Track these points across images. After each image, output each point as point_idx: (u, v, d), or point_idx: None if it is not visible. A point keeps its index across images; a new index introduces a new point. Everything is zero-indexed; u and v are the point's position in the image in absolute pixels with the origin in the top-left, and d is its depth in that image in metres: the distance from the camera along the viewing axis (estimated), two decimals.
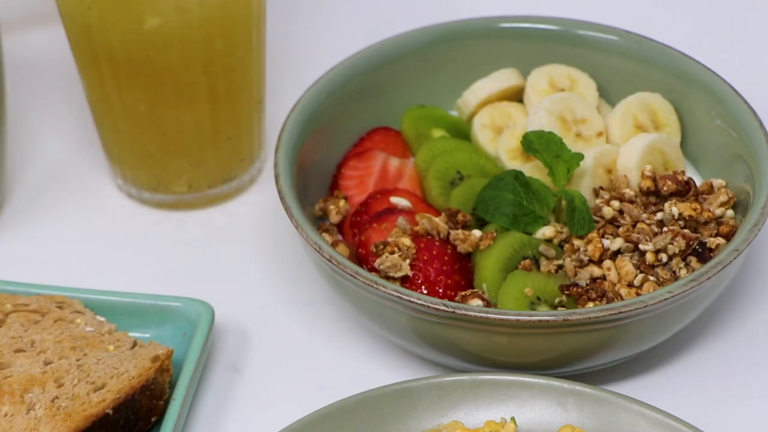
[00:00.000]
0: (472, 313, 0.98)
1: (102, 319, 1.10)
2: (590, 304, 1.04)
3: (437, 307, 0.99)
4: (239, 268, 1.20)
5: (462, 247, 1.09)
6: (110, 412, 0.99)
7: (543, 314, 0.99)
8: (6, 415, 0.99)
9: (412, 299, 1.00)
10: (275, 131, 1.18)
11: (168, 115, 1.19)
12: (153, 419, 1.03)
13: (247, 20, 1.16)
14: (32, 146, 1.33)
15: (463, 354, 1.04)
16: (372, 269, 1.07)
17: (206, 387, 1.10)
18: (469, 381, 1.02)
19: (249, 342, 1.14)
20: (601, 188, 1.13)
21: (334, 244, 1.09)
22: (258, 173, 1.29)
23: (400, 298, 1.00)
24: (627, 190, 1.12)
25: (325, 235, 1.11)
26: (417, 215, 1.11)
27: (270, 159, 1.26)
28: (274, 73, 1.33)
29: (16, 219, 1.26)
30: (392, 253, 1.07)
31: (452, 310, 0.99)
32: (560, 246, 1.10)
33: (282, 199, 1.07)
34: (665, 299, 0.99)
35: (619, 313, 0.98)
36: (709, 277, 1.00)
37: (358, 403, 1.00)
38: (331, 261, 1.03)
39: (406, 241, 1.08)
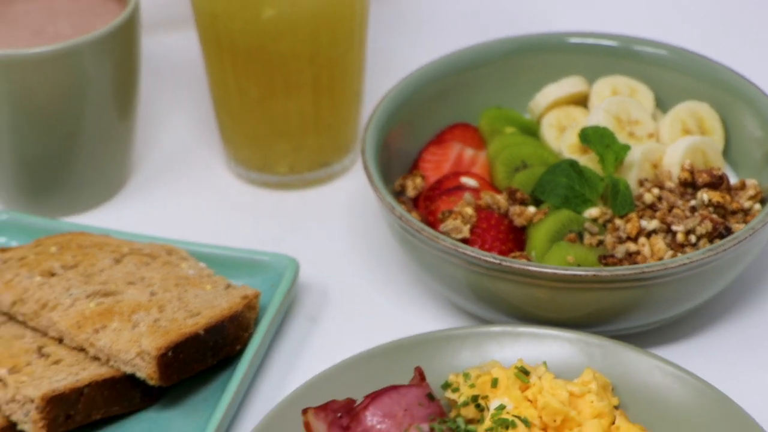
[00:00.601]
0: (515, 266, 1.14)
1: (203, 265, 1.27)
2: None
3: (486, 258, 1.14)
4: (326, 239, 1.37)
5: (518, 221, 1.25)
6: (202, 332, 1.16)
7: (575, 269, 1.13)
8: (114, 330, 1.17)
9: (466, 252, 1.15)
10: None
11: (276, 101, 1.37)
12: (238, 347, 1.20)
13: (350, 19, 1.34)
14: (159, 129, 1.52)
15: (507, 307, 1.19)
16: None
17: (286, 331, 1.27)
18: (510, 331, 1.16)
19: (328, 298, 1.30)
20: (646, 180, 1.28)
21: (407, 211, 1.25)
22: (352, 163, 1.46)
23: (456, 250, 1.16)
24: (668, 182, 1.26)
25: (401, 205, 1.27)
26: (482, 192, 1.27)
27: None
28: (373, 68, 1.50)
29: (140, 189, 1.45)
30: (455, 219, 1.23)
31: (498, 261, 1.14)
32: (604, 225, 1.24)
33: (365, 166, 1.24)
34: (684, 264, 1.13)
35: (643, 272, 1.12)
36: (725, 249, 1.13)
37: (413, 343, 1.16)
38: (401, 218, 1.19)
39: (469, 210, 1.24)
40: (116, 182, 1.44)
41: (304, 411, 1.07)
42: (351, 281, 1.32)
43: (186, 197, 1.44)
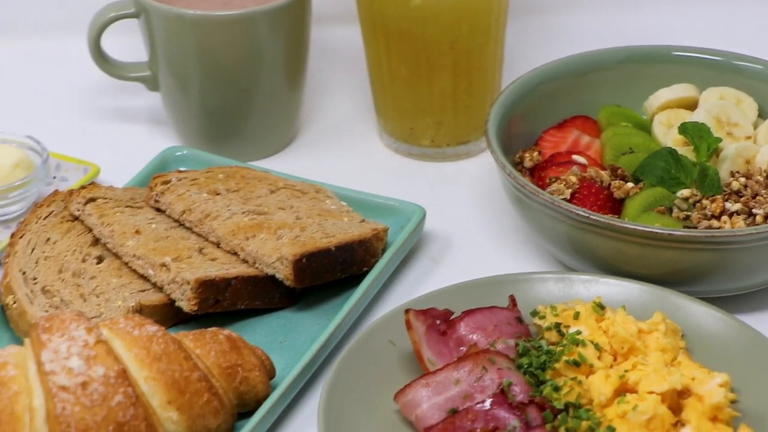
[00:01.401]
0: (602, 220, 1.32)
1: (344, 204, 1.49)
2: None
3: (578, 212, 1.34)
4: (455, 200, 1.57)
5: (617, 193, 1.43)
6: (333, 248, 1.38)
7: (653, 227, 1.31)
8: (262, 239, 1.39)
9: (561, 205, 1.34)
10: None
11: (420, 80, 1.59)
12: (364, 269, 1.41)
13: (488, 12, 1.55)
14: (323, 101, 1.76)
15: (596, 259, 1.37)
16: None
17: (410, 267, 1.47)
18: (596, 279, 1.35)
19: (449, 246, 1.51)
20: (737, 172, 1.45)
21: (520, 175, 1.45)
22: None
23: (553, 203, 1.35)
24: (757, 176, 1.44)
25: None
26: (588, 167, 1.46)
27: None
28: (513, 61, 1.70)
29: (301, 148, 1.68)
30: (560, 184, 1.43)
31: (588, 215, 1.33)
32: (693, 205, 1.42)
33: (486, 133, 1.44)
34: (750, 233, 1.30)
35: (713, 236, 1.30)
36: None
37: (511, 279, 1.35)
38: (510, 175, 1.39)
39: (574, 178, 1.43)
40: (282, 140, 1.68)
41: (407, 311, 1.28)
42: (471, 235, 1.52)
43: (340, 159, 1.66)
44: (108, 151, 1.66)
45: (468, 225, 1.54)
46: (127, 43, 1.71)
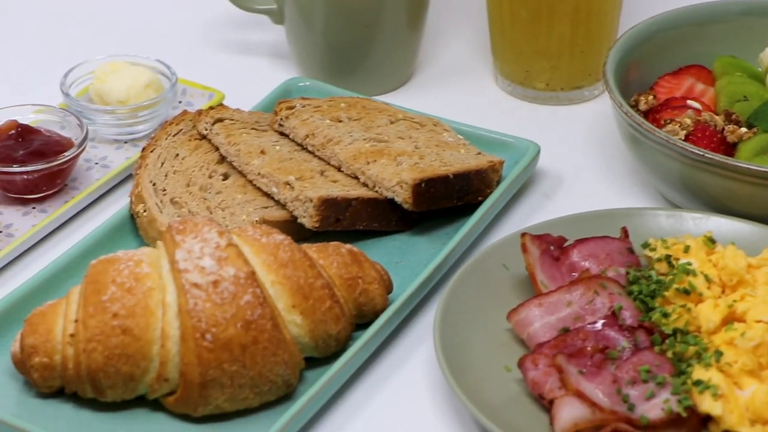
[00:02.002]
0: (714, 158, 1.36)
1: (460, 137, 1.54)
2: None
3: (692, 150, 1.37)
4: (567, 142, 1.61)
5: (730, 138, 1.46)
6: (450, 176, 1.42)
7: (762, 166, 1.34)
8: (382, 164, 1.44)
9: (677, 144, 1.38)
10: None
11: (540, 23, 1.62)
12: (479, 198, 1.46)
13: None
14: (441, 43, 1.80)
15: (707, 198, 1.40)
16: None
17: (523, 201, 1.52)
18: (707, 217, 1.38)
19: (561, 182, 1.55)
20: None
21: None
22: (601, 92, 1.70)
23: (668, 141, 1.39)
24: None
25: None
26: (703, 112, 1.49)
27: None
28: (629, 6, 1.73)
29: (419, 86, 1.73)
30: (675, 125, 1.46)
31: (702, 153, 1.36)
32: None
33: (604, 74, 1.48)
34: None
35: None
36: None
37: (624, 213, 1.39)
38: (627, 114, 1.43)
39: (688, 120, 1.47)
40: (400, 78, 1.72)
41: (523, 234, 1.32)
42: (582, 173, 1.56)
43: (455, 98, 1.70)
44: (231, 80, 1.72)
45: (579, 164, 1.58)
46: None
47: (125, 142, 1.60)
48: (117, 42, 1.79)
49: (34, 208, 1.50)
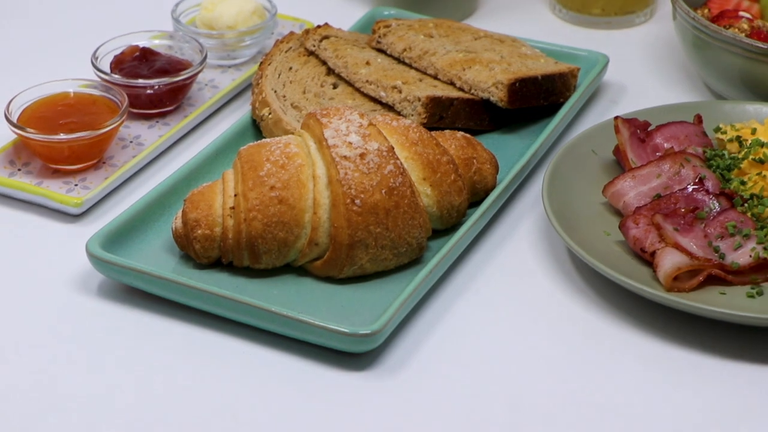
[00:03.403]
0: (761, 45, 1.56)
1: (537, 50, 1.72)
2: None
3: (757, 45, 1.56)
4: (625, 59, 1.80)
5: None
6: (539, 77, 1.61)
7: None
8: (476, 70, 1.62)
9: (743, 40, 1.57)
10: None
11: None
12: (561, 99, 1.64)
13: None
14: None
15: (763, 90, 1.59)
16: None
17: (594, 106, 1.70)
18: (764, 105, 1.58)
19: (625, 91, 1.74)
20: None
21: None
22: (650, 17, 1.89)
23: (734, 39, 1.58)
24: None
25: None
26: (755, 20, 1.69)
27: (661, 8, 1.88)
28: None
29: (482, 17, 1.91)
30: (734, 29, 1.65)
31: (765, 46, 1.56)
32: None
33: None
34: None
35: None
36: None
37: (696, 105, 1.58)
38: (694, 19, 1.62)
39: (745, 25, 1.66)
40: (467, 8, 1.91)
41: (616, 117, 1.51)
42: (643, 82, 1.76)
43: (518, 26, 1.88)
44: (315, 14, 1.89)
45: (639, 75, 1.77)
46: None
47: (229, 67, 1.77)
48: None
49: (157, 122, 1.67)
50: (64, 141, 1.54)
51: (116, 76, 1.65)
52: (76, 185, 1.55)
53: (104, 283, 1.42)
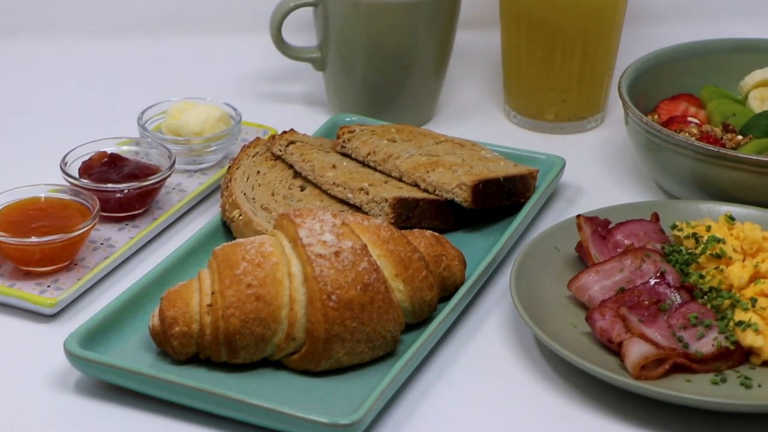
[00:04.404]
0: (730, 153, 1.62)
1: (497, 153, 1.78)
2: None
3: (705, 147, 1.63)
4: (577, 162, 1.86)
5: (729, 144, 1.73)
6: (501, 179, 1.66)
7: (761, 156, 1.61)
8: (440, 172, 1.67)
9: (694, 143, 1.64)
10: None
11: (554, 60, 1.89)
12: (522, 200, 1.70)
13: (614, 5, 1.86)
14: (458, 86, 2.06)
15: (717, 192, 1.66)
16: None
17: (552, 206, 1.76)
18: (717, 204, 1.64)
19: (582, 192, 1.80)
20: None
21: None
22: (601, 122, 1.97)
23: (686, 142, 1.65)
24: None
25: None
26: (703, 125, 1.76)
27: (611, 114, 1.96)
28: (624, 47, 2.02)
29: (441, 123, 1.97)
30: (684, 134, 1.72)
31: (717, 150, 1.63)
32: None
33: (619, 90, 1.75)
34: None
35: None
36: None
37: (650, 204, 1.64)
38: (647, 123, 1.69)
39: (694, 130, 1.74)
40: (426, 115, 1.97)
41: (578, 216, 1.56)
42: (598, 183, 1.82)
43: (474, 132, 1.94)
44: (277, 122, 1.94)
45: (594, 177, 1.84)
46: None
47: (195, 172, 1.81)
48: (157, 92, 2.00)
49: (127, 224, 1.70)
50: (35, 244, 1.57)
51: (85, 180, 1.68)
52: (48, 286, 1.57)
53: (82, 381, 1.44)
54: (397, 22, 1.85)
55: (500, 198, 1.67)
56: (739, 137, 1.74)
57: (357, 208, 1.65)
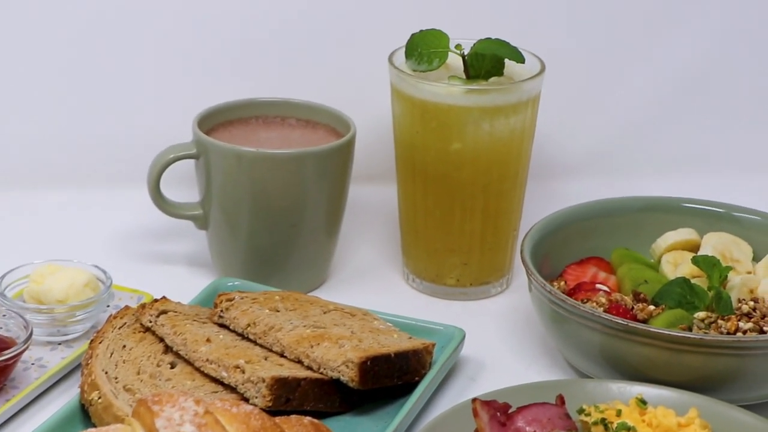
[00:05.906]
0: (640, 327, 1.48)
1: (390, 324, 1.63)
2: None
3: (615, 320, 1.49)
4: (480, 332, 1.72)
5: (640, 315, 1.59)
6: (392, 355, 1.51)
7: (688, 333, 1.48)
8: (325, 347, 1.52)
9: (601, 315, 1.50)
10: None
11: (453, 221, 1.75)
12: (416, 378, 1.54)
13: (517, 159, 1.74)
14: (353, 247, 1.92)
15: (627, 368, 1.52)
16: None
17: (451, 384, 1.61)
18: (628, 384, 1.50)
19: (484, 366, 1.65)
20: (743, 299, 1.63)
21: None
22: (506, 286, 1.83)
23: (592, 314, 1.51)
24: (763, 303, 1.61)
25: None
26: (612, 294, 1.63)
27: (517, 277, 1.82)
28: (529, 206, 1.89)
29: (333, 288, 1.82)
30: (591, 305, 1.59)
31: (626, 323, 1.49)
32: (708, 325, 1.59)
33: (522, 257, 1.61)
34: (756, 340, 1.47)
35: (738, 341, 1.46)
36: None
37: (556, 384, 1.50)
38: (550, 293, 1.55)
39: (603, 299, 1.60)
40: (317, 279, 1.82)
41: (474, 399, 1.41)
42: (501, 357, 1.67)
43: (370, 297, 1.80)
44: (152, 287, 1.78)
45: (497, 349, 1.69)
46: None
47: (59, 344, 1.64)
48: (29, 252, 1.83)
49: None
50: None
51: None
52: None
53: None
54: (284, 175, 1.71)
55: (391, 377, 1.52)
56: (651, 307, 1.61)
57: (232, 389, 1.48)
